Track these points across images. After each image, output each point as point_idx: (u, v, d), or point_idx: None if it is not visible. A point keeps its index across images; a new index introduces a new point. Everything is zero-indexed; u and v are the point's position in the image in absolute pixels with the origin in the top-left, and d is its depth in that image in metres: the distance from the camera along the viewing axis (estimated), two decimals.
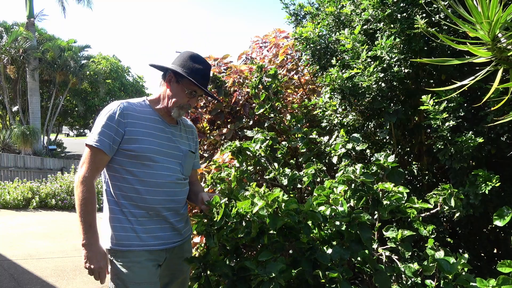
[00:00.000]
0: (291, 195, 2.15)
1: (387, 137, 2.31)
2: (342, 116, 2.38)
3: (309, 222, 1.68)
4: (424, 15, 1.94)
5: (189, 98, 1.80)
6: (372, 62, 2.12)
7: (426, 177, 2.33)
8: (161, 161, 1.74)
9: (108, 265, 1.69)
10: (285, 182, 2.16)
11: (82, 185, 1.63)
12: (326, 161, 2.50)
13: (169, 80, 1.80)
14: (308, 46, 2.55)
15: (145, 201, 1.70)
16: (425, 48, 2.05)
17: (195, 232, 2.17)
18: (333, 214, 1.67)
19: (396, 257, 1.75)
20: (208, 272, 1.75)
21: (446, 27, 1.93)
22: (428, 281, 1.58)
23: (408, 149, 2.45)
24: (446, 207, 1.73)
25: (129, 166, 1.70)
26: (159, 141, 1.75)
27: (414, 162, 2.37)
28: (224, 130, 3.29)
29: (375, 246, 1.81)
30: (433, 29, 1.82)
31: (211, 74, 2.98)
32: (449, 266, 1.49)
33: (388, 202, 1.75)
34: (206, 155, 3.41)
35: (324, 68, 2.54)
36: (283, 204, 1.58)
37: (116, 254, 1.68)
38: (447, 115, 1.84)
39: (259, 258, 1.55)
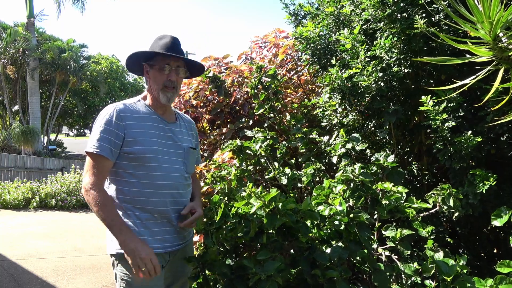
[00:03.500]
0: (291, 195, 2.14)
1: (387, 137, 2.30)
2: (342, 116, 2.38)
3: (308, 222, 1.67)
4: (424, 15, 1.94)
5: (167, 74, 1.72)
6: (371, 62, 2.12)
7: (426, 177, 2.33)
8: (164, 161, 1.69)
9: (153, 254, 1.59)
10: (284, 181, 2.16)
11: (92, 190, 1.57)
12: (326, 161, 2.50)
13: (146, 71, 1.78)
14: (308, 46, 2.54)
15: (151, 204, 1.66)
16: (425, 48, 2.04)
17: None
18: (332, 213, 1.67)
19: (396, 256, 1.75)
20: (207, 272, 1.75)
21: (446, 27, 1.92)
22: (427, 282, 1.58)
23: (408, 149, 2.45)
24: (445, 207, 1.73)
25: (131, 169, 1.65)
26: (160, 140, 1.71)
27: (414, 162, 2.37)
28: (224, 130, 3.28)
29: (374, 246, 1.80)
30: (433, 29, 1.82)
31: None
32: (447, 268, 1.48)
33: (387, 202, 1.75)
34: (206, 154, 3.41)
35: (324, 67, 2.54)
36: (280, 203, 1.57)
37: (122, 258, 1.63)
38: (446, 115, 1.83)
39: (258, 257, 1.55)
